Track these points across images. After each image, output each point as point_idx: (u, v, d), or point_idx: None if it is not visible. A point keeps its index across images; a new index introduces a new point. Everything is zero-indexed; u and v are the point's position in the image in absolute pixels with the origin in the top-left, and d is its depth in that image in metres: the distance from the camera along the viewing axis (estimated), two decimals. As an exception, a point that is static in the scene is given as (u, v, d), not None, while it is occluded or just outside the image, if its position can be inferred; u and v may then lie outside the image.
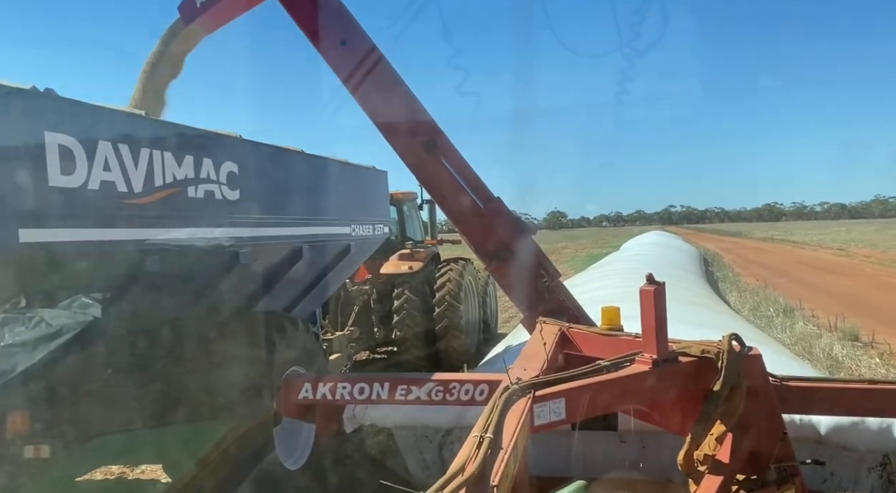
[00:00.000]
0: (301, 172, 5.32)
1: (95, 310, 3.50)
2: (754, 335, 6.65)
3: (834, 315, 12.67)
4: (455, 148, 5.04)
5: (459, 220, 5.11)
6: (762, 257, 35.12)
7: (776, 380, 3.09)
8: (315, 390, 4.55)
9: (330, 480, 5.25)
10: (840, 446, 3.80)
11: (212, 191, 3.99)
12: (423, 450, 4.56)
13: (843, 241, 48.38)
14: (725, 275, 24.22)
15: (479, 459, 1.88)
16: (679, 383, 2.91)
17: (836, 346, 10.36)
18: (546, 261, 5.14)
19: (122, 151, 3.33)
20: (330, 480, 5.25)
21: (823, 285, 20.47)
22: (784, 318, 13.40)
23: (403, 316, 9.25)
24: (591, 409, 2.74)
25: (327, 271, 5.98)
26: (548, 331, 3.85)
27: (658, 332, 2.88)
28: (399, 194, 10.67)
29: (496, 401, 2.34)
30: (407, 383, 4.38)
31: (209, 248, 4.02)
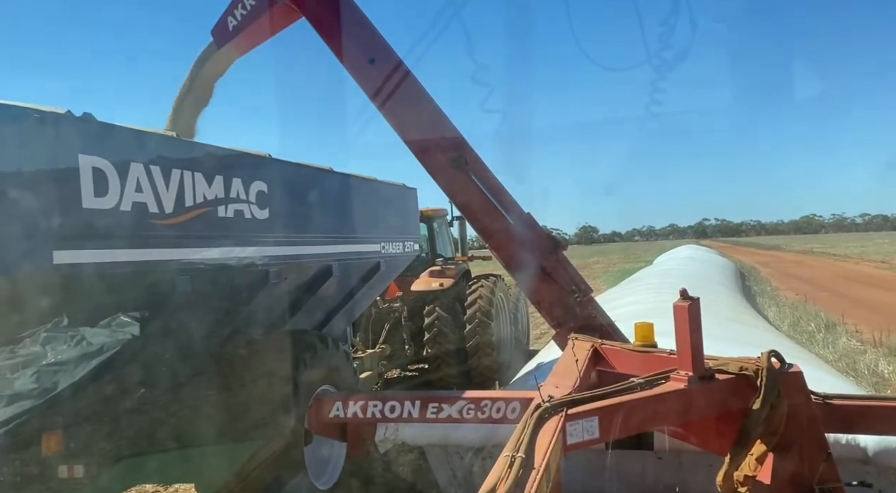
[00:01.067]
0: (330, 190, 5.37)
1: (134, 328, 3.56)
2: (795, 352, 6.45)
3: (878, 330, 12.23)
4: (484, 163, 5.03)
5: (489, 236, 5.09)
6: (801, 271, 34.24)
7: (818, 398, 2.98)
8: (346, 409, 4.55)
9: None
10: (888, 466, 3.64)
11: (241, 210, 4.04)
12: (454, 469, 4.51)
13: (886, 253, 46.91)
14: (763, 289, 23.66)
15: (510, 479, 1.84)
16: (716, 401, 2.83)
17: (882, 362, 9.98)
18: (577, 276, 5.07)
19: (153, 172, 3.40)
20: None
21: (866, 299, 19.84)
22: (826, 333, 12.99)
23: (435, 333, 9.22)
24: (626, 428, 2.68)
25: (357, 290, 6.00)
26: (580, 347, 3.79)
27: (694, 348, 2.80)
28: (429, 211, 10.69)
29: (528, 419, 2.31)
30: (438, 400, 4.35)
31: (239, 267, 4.06)
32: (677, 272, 18.83)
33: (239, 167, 4.12)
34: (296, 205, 4.79)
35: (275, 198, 4.38)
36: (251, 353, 4.40)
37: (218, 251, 3.90)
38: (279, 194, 4.46)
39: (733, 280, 21.86)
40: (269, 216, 4.30)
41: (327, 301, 5.59)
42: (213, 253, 3.86)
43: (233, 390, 4.11)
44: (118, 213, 3.22)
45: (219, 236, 3.92)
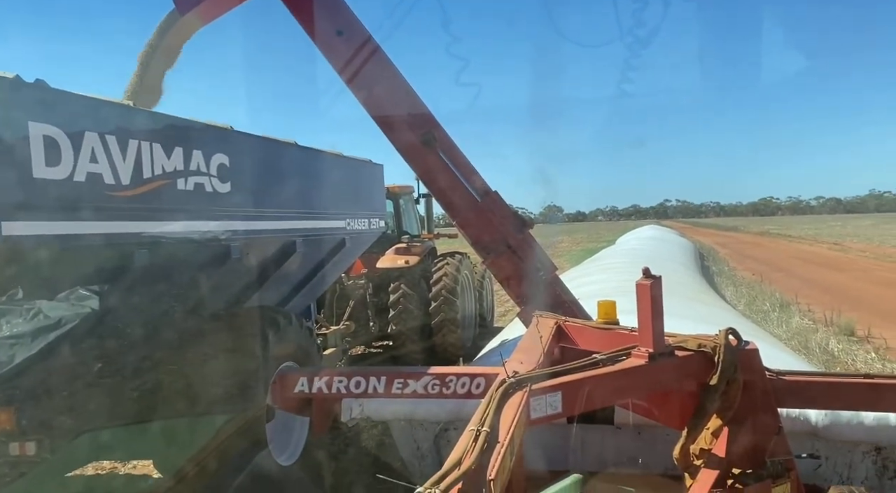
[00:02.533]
0: (294, 164, 5.28)
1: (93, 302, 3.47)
2: (750, 330, 6.64)
3: (830, 310, 12.69)
4: (453, 141, 5.01)
5: (456, 214, 5.09)
6: (758, 252, 35.19)
7: (772, 374, 3.07)
8: (311, 384, 4.53)
9: (324, 475, 5.23)
10: (834, 439, 3.79)
11: (202, 183, 3.94)
12: (419, 443, 4.54)
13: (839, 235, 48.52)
14: (721, 269, 24.27)
15: (475, 452, 1.86)
16: (675, 377, 2.89)
17: (832, 341, 10.38)
18: (543, 255, 5.12)
19: (109, 142, 3.28)
20: (324, 475, 5.23)
21: (819, 279, 20.53)
22: (780, 312, 13.42)
23: (399, 311, 9.23)
24: (588, 403, 2.72)
25: (322, 266, 5.94)
26: (544, 325, 3.83)
27: (654, 326, 2.85)
28: (395, 188, 10.63)
29: (493, 395, 2.33)
30: (403, 376, 4.37)
31: (200, 241, 3.97)
32: (639, 252, 19.14)
33: (199, 139, 4.00)
34: (259, 179, 4.69)
35: (237, 171, 4.28)
36: (212, 328, 4.33)
37: (177, 225, 3.80)
38: (241, 168, 4.36)
39: (693, 260, 22.34)
40: (230, 190, 4.20)
41: (291, 277, 5.53)
42: (172, 227, 3.76)
43: (192, 366, 4.05)
44: (72, 184, 3.09)
45: (178, 210, 3.82)
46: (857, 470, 3.84)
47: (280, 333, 4.66)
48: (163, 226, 3.71)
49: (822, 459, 3.77)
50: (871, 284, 18.92)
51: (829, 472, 3.84)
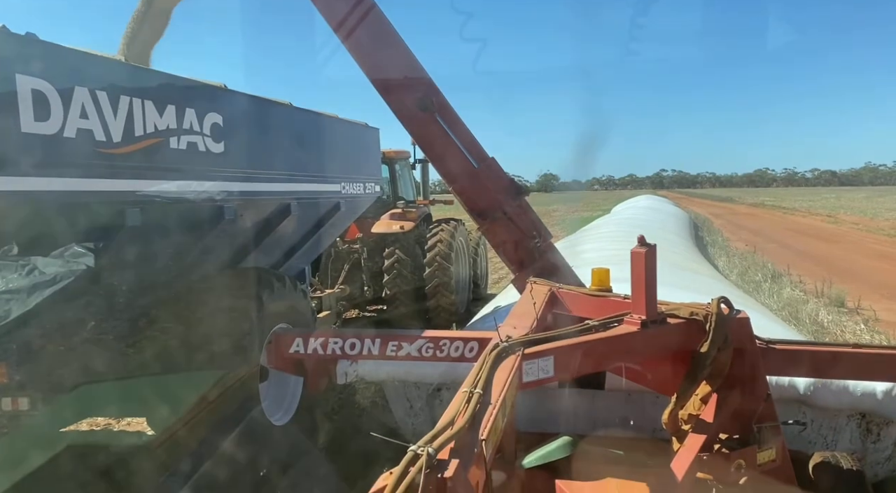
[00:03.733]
0: (289, 126, 5.21)
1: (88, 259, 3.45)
2: (742, 300, 6.69)
3: (821, 281, 12.79)
4: (451, 106, 4.94)
5: (453, 179, 5.05)
6: (752, 223, 35.30)
7: (762, 343, 3.10)
8: (307, 345, 4.56)
9: (317, 435, 5.30)
10: (820, 406, 3.86)
11: (195, 143, 3.89)
12: (412, 403, 4.60)
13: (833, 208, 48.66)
14: (715, 240, 24.35)
15: (468, 413, 1.87)
16: (667, 344, 2.92)
17: (822, 312, 10.48)
18: (538, 222, 5.11)
19: (99, 98, 3.22)
20: (317, 435, 5.30)
21: (812, 251, 20.64)
22: (772, 283, 13.52)
23: (394, 275, 9.25)
24: (580, 367, 2.74)
25: (316, 229, 5.92)
26: (538, 291, 3.85)
27: (647, 293, 2.86)
28: (391, 153, 10.54)
29: (486, 358, 2.34)
30: (398, 339, 4.40)
31: (193, 201, 3.94)
32: (634, 222, 19.15)
33: (192, 97, 3.94)
34: (253, 140, 4.63)
35: (230, 131, 4.22)
36: (206, 288, 4.33)
37: (170, 184, 3.77)
38: (235, 128, 4.30)
39: (687, 230, 22.39)
40: (224, 150, 4.15)
41: (285, 240, 5.51)
42: (164, 186, 3.72)
43: (185, 325, 4.06)
44: (61, 139, 3.04)
45: (171, 169, 3.78)
46: (841, 436, 3.92)
47: (274, 294, 4.67)
48: (155, 185, 3.67)
49: (808, 425, 3.84)
50: (863, 256, 19.05)
51: (814, 438, 3.92)
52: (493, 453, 2.01)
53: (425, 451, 1.60)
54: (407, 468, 1.57)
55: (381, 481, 1.58)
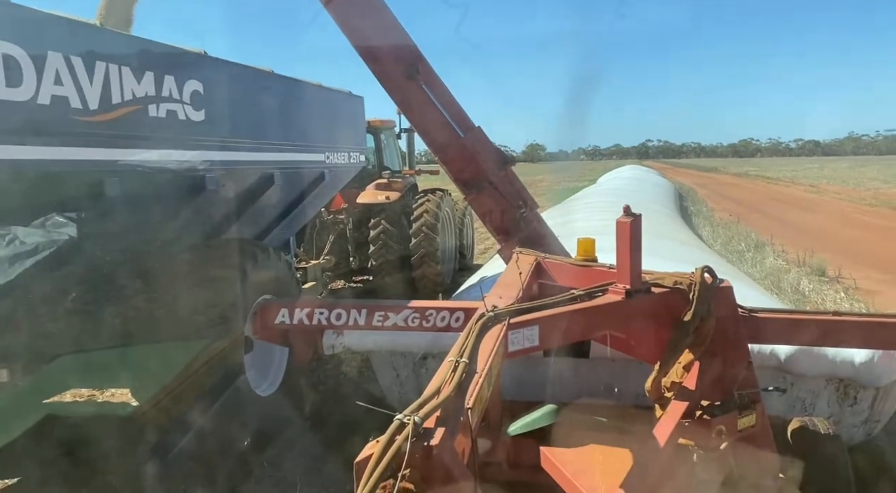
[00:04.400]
0: (271, 94, 5.11)
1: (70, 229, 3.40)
2: (725, 269, 6.76)
3: (803, 251, 12.95)
4: (437, 75, 4.87)
5: (439, 149, 5.00)
6: (736, 193, 35.53)
7: (745, 311, 3.13)
8: (292, 316, 4.55)
9: (303, 405, 5.33)
10: (800, 373, 3.93)
11: (174, 110, 3.80)
12: (398, 371, 4.63)
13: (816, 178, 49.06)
14: (699, 210, 24.52)
15: (454, 382, 1.88)
16: (651, 313, 2.93)
17: (804, 280, 10.63)
18: (524, 192, 5.09)
19: (74, 63, 3.12)
20: (303, 405, 5.33)
21: (794, 220, 20.86)
22: (755, 253, 13.67)
23: (380, 246, 9.23)
24: (564, 337, 2.76)
25: (301, 200, 5.86)
26: (524, 261, 3.85)
27: (632, 263, 2.87)
28: (376, 122, 10.42)
29: (472, 327, 2.35)
30: (384, 309, 4.40)
31: (173, 171, 3.88)
32: (620, 192, 19.20)
33: (171, 64, 3.84)
34: (234, 108, 4.54)
35: (211, 99, 4.14)
36: (188, 259, 4.29)
37: (149, 153, 3.69)
38: (216, 96, 4.21)
39: (672, 201, 22.50)
40: (205, 119, 4.07)
41: (269, 210, 5.45)
42: (144, 155, 3.65)
43: (168, 296, 4.03)
44: (35, 106, 2.95)
45: (150, 137, 3.70)
46: (819, 400, 4.01)
47: (258, 265, 4.63)
48: (135, 154, 3.60)
49: (788, 391, 3.92)
50: (844, 226, 19.29)
51: (793, 401, 4.00)
52: (479, 421, 2.03)
53: (411, 420, 1.61)
54: (393, 436, 1.58)
55: (368, 449, 1.59)
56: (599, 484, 2.82)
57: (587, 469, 2.97)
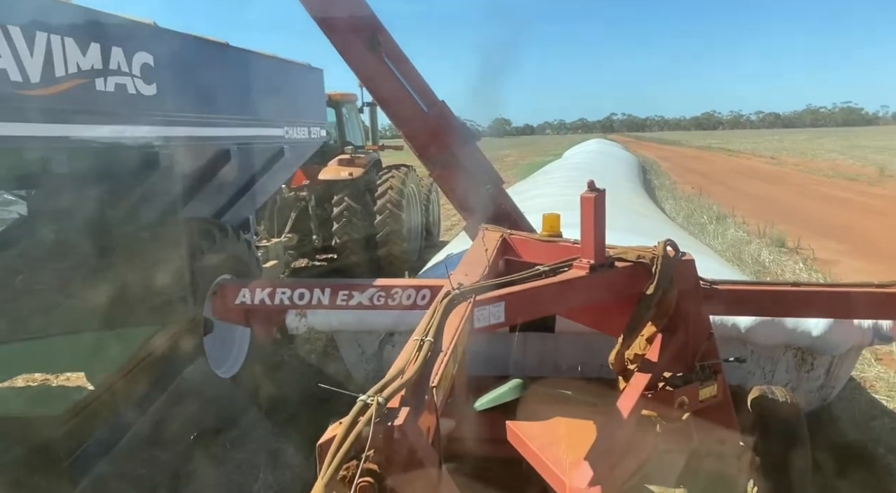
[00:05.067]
0: (226, 67, 4.93)
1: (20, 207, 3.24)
2: (688, 242, 6.85)
3: (763, 222, 13.24)
4: (399, 47, 4.75)
5: (403, 124, 4.91)
6: (699, 166, 36.10)
7: (706, 284, 3.17)
8: (253, 296, 4.45)
9: (266, 386, 5.27)
10: (760, 343, 4.02)
11: (124, 84, 3.63)
12: (363, 349, 4.59)
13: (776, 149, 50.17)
14: (662, 183, 24.88)
15: (419, 361, 1.85)
16: (615, 287, 2.94)
17: (764, 252, 10.88)
18: (489, 167, 5.05)
19: (11, 33, 2.94)
20: (266, 386, 5.27)
21: (755, 192, 21.32)
22: (717, 225, 13.94)
23: (343, 223, 9.11)
24: (530, 312, 2.76)
25: (259, 176, 5.71)
26: (490, 238, 3.83)
27: (596, 238, 2.86)
28: (337, 95, 10.21)
29: (437, 305, 2.31)
30: (348, 288, 4.33)
31: (125, 147, 3.72)
32: (584, 166, 19.32)
33: (118, 35, 3.65)
34: (187, 82, 4.37)
35: (163, 72, 3.96)
36: (142, 239, 4.15)
37: (98, 129, 3.53)
38: (168, 69, 4.03)
39: (636, 174, 22.75)
40: (156, 93, 3.90)
41: (226, 188, 5.30)
42: (92, 131, 3.49)
43: (121, 277, 3.89)
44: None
45: (98, 112, 3.53)
46: (778, 367, 4.12)
47: (216, 245, 4.51)
48: (83, 130, 3.44)
49: (748, 360, 4.00)
50: (803, 197, 19.80)
51: (752, 368, 4.09)
52: (445, 399, 2.01)
53: (375, 400, 1.57)
54: (356, 417, 1.54)
55: (331, 431, 1.55)
56: (564, 457, 2.85)
57: (552, 442, 2.99)
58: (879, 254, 10.79)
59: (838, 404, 4.90)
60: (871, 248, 11.43)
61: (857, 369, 5.61)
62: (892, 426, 4.67)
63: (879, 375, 5.65)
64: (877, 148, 44.45)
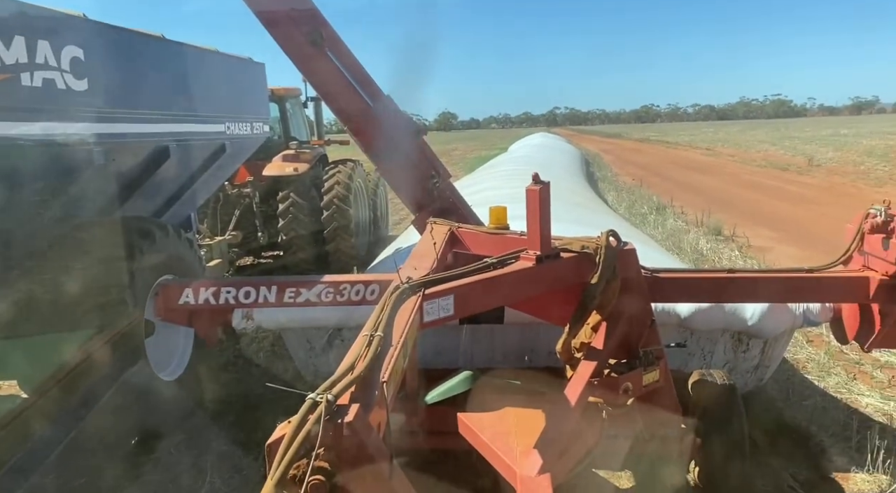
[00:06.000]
0: (163, 61, 4.77)
1: None
2: (630, 232, 7.04)
3: (701, 212, 13.71)
4: (342, 41, 4.70)
5: (348, 119, 4.86)
6: (638, 158, 37.05)
7: (647, 272, 3.27)
8: (197, 295, 4.35)
9: (212, 388, 5.14)
10: (699, 328, 4.17)
11: (52, 79, 3.47)
12: (312, 345, 4.55)
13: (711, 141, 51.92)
14: (605, 175, 25.43)
15: (369, 357, 1.85)
16: (560, 277, 3.01)
17: (702, 240, 11.27)
18: (436, 161, 5.06)
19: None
20: (212, 388, 5.14)
21: (692, 183, 22.03)
22: (657, 215, 14.35)
23: (289, 220, 8.96)
24: (479, 304, 2.79)
25: (200, 173, 5.55)
26: (438, 231, 3.84)
27: (542, 229, 2.92)
28: (280, 90, 10.02)
29: (386, 300, 2.31)
30: (296, 285, 4.28)
31: (56, 144, 3.56)
32: (530, 159, 19.58)
33: (45, 28, 3.48)
34: (122, 76, 4.20)
35: (95, 67, 3.80)
36: (77, 240, 3.98)
37: (27, 126, 3.36)
38: (100, 63, 3.87)
39: (579, 167, 23.20)
40: (88, 88, 3.74)
41: (165, 185, 5.13)
42: (20, 128, 3.32)
43: (55, 279, 3.73)
44: None
45: (25, 109, 3.36)
46: (717, 348, 4.28)
47: (155, 244, 4.37)
48: (9, 127, 3.26)
49: (688, 343, 4.16)
50: (738, 186, 20.58)
51: (693, 350, 4.25)
52: (395, 393, 2.01)
53: (324, 398, 1.57)
54: (306, 416, 1.53)
55: (279, 430, 1.54)
56: (515, 446, 2.89)
57: (503, 432, 3.03)
58: (810, 240, 11.32)
59: (773, 385, 5.14)
60: (802, 234, 11.99)
61: (790, 351, 5.88)
62: (824, 405, 4.90)
63: (811, 356, 5.93)
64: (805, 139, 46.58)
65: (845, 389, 5.20)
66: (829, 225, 12.09)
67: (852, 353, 5.90)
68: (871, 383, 5.33)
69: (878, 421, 4.62)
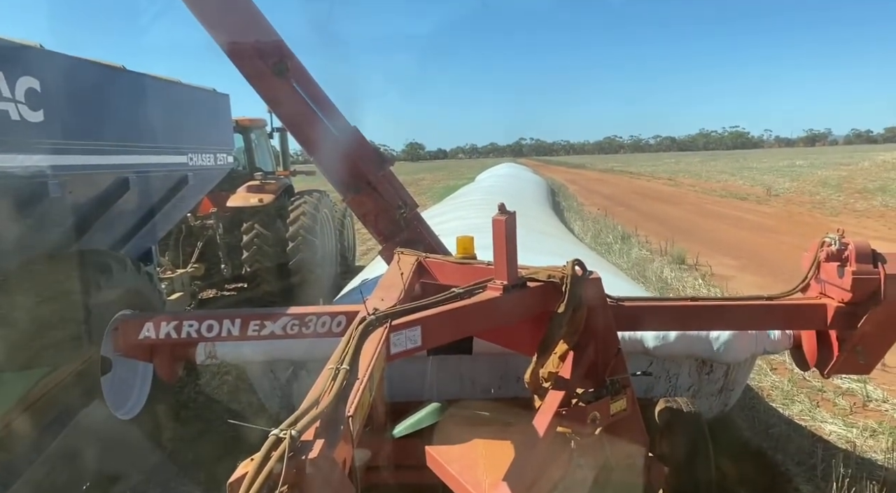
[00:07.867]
0: (123, 92, 4.71)
1: None
2: (595, 261, 7.11)
3: (664, 240, 13.96)
4: (307, 72, 4.72)
5: (314, 150, 4.86)
6: (603, 188, 37.74)
7: (613, 301, 3.29)
8: (158, 330, 4.21)
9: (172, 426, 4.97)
10: (664, 356, 4.20)
11: (6, 110, 3.38)
12: (277, 379, 4.44)
13: (672, 171, 53.21)
14: (570, 205, 25.80)
15: (334, 391, 1.82)
16: (527, 306, 3.01)
17: (666, 269, 11.45)
18: (403, 192, 5.07)
19: None
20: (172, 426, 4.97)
21: (656, 212, 22.48)
22: (622, 244, 14.56)
23: (254, 251, 8.84)
24: (447, 335, 2.77)
25: (162, 205, 5.45)
26: (405, 261, 3.83)
27: (509, 259, 2.93)
28: (245, 121, 9.98)
29: (353, 332, 2.28)
30: (260, 318, 4.17)
31: (8, 176, 3.46)
32: (496, 189, 19.76)
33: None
34: (80, 108, 4.13)
35: (51, 98, 3.72)
36: (30, 274, 3.85)
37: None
38: (57, 94, 3.79)
39: (545, 197, 23.51)
40: (44, 119, 3.66)
41: (125, 218, 5.02)
42: (-30, 160, 3.22)
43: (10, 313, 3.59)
44: None
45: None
46: (681, 375, 4.31)
47: (112, 278, 4.24)
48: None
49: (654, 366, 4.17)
50: (700, 216, 21.06)
51: (658, 373, 4.26)
52: (361, 428, 1.97)
53: (288, 434, 1.53)
54: (269, 452, 1.49)
55: (241, 468, 1.50)
56: (483, 478, 2.85)
57: (471, 465, 2.99)
58: (770, 268, 11.60)
59: (739, 413, 5.18)
60: (762, 263, 12.28)
61: (755, 379, 5.96)
62: (789, 433, 4.96)
63: (775, 383, 6.01)
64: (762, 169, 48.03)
65: (809, 416, 5.28)
66: (787, 253, 12.42)
67: (815, 380, 5.99)
68: (834, 411, 5.42)
69: (841, 448, 4.69)
